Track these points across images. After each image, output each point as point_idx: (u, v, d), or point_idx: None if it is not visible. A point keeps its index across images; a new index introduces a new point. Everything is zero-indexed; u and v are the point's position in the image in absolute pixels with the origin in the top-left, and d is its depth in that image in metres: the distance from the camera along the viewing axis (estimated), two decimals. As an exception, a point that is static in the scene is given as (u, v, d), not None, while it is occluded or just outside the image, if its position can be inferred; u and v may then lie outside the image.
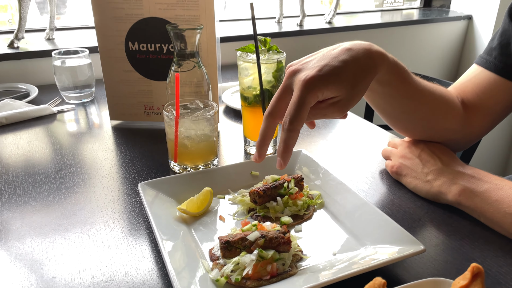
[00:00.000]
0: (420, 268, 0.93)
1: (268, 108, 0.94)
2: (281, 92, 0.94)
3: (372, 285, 0.66)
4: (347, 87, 0.91)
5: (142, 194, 1.09)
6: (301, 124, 0.88)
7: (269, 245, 0.89)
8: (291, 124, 0.87)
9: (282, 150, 0.90)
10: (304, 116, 0.88)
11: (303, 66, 0.92)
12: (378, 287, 0.66)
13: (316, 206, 1.13)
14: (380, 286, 0.66)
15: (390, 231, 0.96)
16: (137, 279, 0.89)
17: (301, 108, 0.87)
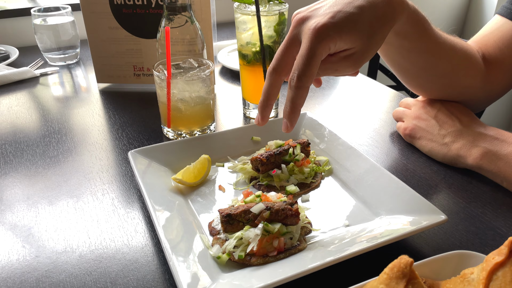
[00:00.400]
0: (440, 240, 0.85)
1: (272, 62, 0.82)
2: (287, 43, 0.82)
3: (398, 264, 0.58)
4: (362, 37, 0.79)
5: (133, 163, 0.99)
6: (311, 80, 0.77)
7: (275, 218, 0.80)
8: (299, 80, 0.75)
9: (289, 110, 0.79)
10: (315, 71, 0.76)
11: (313, 13, 0.80)
12: (404, 266, 0.57)
13: (324, 173, 1.04)
14: (407, 265, 0.57)
15: (407, 199, 0.88)
16: (129, 256, 0.81)
17: (311, 61, 0.75)
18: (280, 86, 0.84)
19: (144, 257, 0.81)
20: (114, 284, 0.75)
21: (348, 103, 1.47)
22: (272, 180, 0.99)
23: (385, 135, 1.24)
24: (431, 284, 0.70)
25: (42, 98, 1.51)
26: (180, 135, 1.19)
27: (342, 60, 0.81)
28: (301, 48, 0.76)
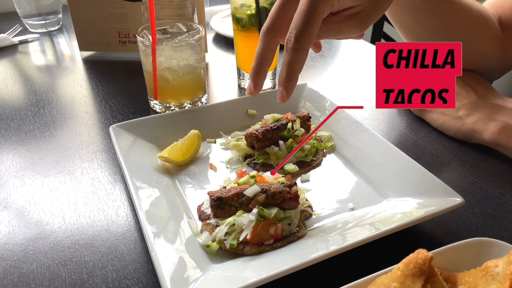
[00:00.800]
0: (454, 224, 0.77)
1: (266, 21, 0.71)
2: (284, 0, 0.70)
3: (414, 260, 0.50)
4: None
5: (114, 139, 0.89)
6: (311, 41, 0.65)
7: (272, 202, 0.71)
8: (297, 41, 0.64)
9: (286, 76, 0.68)
10: (315, 31, 0.65)
11: None
12: (422, 262, 0.49)
13: (326, 151, 0.94)
14: (426, 261, 0.49)
15: (418, 179, 0.79)
16: (109, 243, 0.73)
17: (311, 19, 0.64)
18: (275, 49, 0.72)
19: (126, 244, 0.73)
20: (90, 275, 0.67)
21: (351, 73, 1.36)
22: (268, 158, 0.90)
23: (392, 109, 1.14)
24: (447, 276, 0.62)
25: (20, 68, 1.39)
26: (169, 108, 1.09)
27: (346, 20, 0.70)
28: (300, 4, 0.65)
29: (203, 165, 0.90)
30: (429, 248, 0.70)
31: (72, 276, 0.67)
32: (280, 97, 0.71)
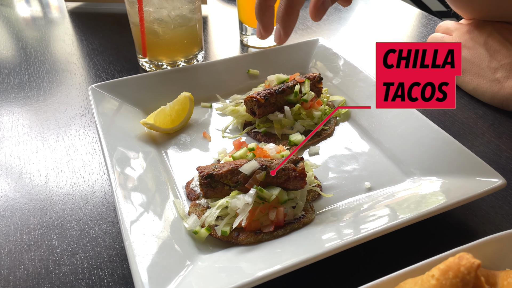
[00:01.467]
0: (490, 208, 0.64)
1: None
2: None
3: (455, 267, 0.38)
4: None
5: (93, 101, 0.76)
6: None
7: (273, 181, 0.59)
8: None
9: (284, 10, 0.58)
10: None
11: None
12: (466, 272, 0.37)
13: (339, 118, 0.81)
14: (471, 270, 0.37)
15: (449, 154, 0.66)
16: (82, 224, 0.62)
17: None
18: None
19: (101, 226, 0.62)
20: (57, 264, 0.57)
21: (370, 29, 1.19)
22: (271, 126, 0.77)
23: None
24: (484, 275, 0.51)
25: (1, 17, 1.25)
26: (160, 67, 0.95)
27: None
28: None
29: (196, 134, 0.78)
30: (461, 238, 0.59)
31: (36, 264, 0.57)
32: (277, 36, 0.62)
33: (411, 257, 0.55)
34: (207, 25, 1.20)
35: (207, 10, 1.28)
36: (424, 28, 1.19)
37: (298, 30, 1.17)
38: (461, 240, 0.58)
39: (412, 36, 1.15)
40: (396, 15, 1.27)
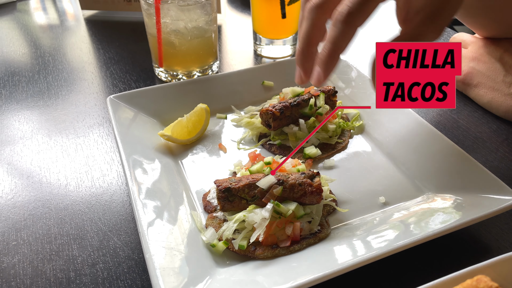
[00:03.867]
0: (505, 225, 0.65)
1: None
2: None
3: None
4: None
5: (111, 112, 0.78)
6: (364, 19, 0.53)
7: (290, 196, 0.60)
8: (350, 15, 0.52)
9: (327, 53, 0.55)
10: (372, 9, 0.53)
11: None
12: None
13: (353, 131, 0.82)
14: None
15: (463, 170, 0.66)
16: (101, 234, 0.63)
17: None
18: (324, 28, 0.59)
19: (120, 237, 0.63)
20: (78, 274, 0.58)
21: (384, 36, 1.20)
22: (286, 138, 0.78)
23: (429, 82, 1.00)
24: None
25: (15, 28, 1.28)
26: (176, 77, 0.97)
27: None
28: None
29: (211, 145, 0.79)
30: (475, 256, 0.59)
31: (57, 273, 0.58)
32: (317, 79, 0.58)
33: (426, 275, 0.56)
34: (221, 34, 1.22)
35: (221, 19, 1.29)
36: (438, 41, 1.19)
37: (311, 40, 1.18)
38: (476, 258, 0.59)
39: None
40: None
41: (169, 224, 0.60)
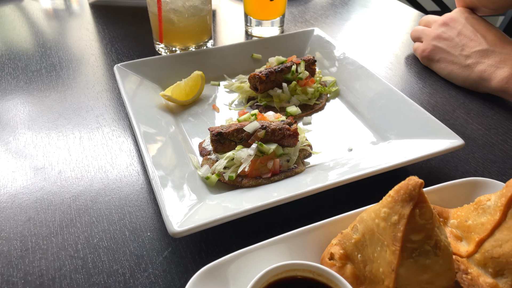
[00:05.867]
0: (453, 167, 0.77)
1: None
2: None
3: (405, 186, 0.50)
4: None
5: (118, 77, 0.89)
6: None
7: (271, 138, 0.72)
8: None
9: None
10: None
11: None
12: (412, 188, 0.50)
13: (329, 95, 0.94)
14: (416, 187, 0.50)
15: (420, 122, 0.78)
16: (112, 175, 0.75)
17: None
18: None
19: (128, 176, 0.75)
20: (94, 202, 0.70)
21: (362, 22, 1.32)
22: (271, 100, 0.90)
23: (400, 57, 1.12)
24: (439, 211, 0.63)
25: (27, 10, 1.38)
26: (174, 52, 1.08)
27: None
28: None
29: (206, 106, 0.91)
30: (426, 187, 0.71)
31: (76, 202, 0.70)
32: None
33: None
34: (215, 18, 1.33)
35: (216, 4, 1.41)
36: (411, 24, 1.31)
37: (297, 23, 1.30)
38: (427, 186, 0.71)
39: (398, 29, 1.27)
40: (386, 10, 1.40)
41: (171, 164, 0.72)
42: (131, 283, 0.58)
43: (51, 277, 0.58)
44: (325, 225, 0.59)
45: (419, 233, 0.50)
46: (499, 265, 0.52)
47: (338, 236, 0.57)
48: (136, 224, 0.66)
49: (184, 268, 0.60)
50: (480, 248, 0.55)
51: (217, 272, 0.53)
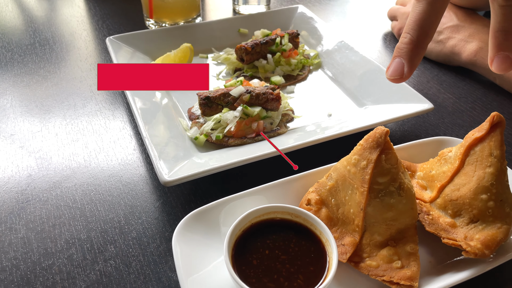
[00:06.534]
0: (423, 130, 0.83)
1: None
2: None
3: (373, 134, 0.56)
4: None
5: (111, 48, 0.94)
6: None
7: (256, 102, 0.77)
8: None
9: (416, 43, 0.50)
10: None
11: None
12: (379, 136, 0.55)
13: (312, 67, 0.99)
14: (382, 135, 0.55)
15: (394, 89, 0.84)
16: (106, 137, 0.80)
17: None
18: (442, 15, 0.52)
19: (122, 139, 0.80)
20: (89, 161, 0.74)
21: (344, 2, 1.37)
22: (257, 71, 0.95)
23: (379, 35, 1.18)
24: (408, 166, 0.69)
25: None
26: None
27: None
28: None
29: (195, 76, 0.95)
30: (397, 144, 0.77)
31: (73, 161, 0.74)
32: (400, 72, 0.51)
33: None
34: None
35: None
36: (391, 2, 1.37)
37: (283, 2, 1.35)
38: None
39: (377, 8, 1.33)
40: None
41: (162, 126, 0.77)
42: (126, 228, 0.63)
43: (52, 224, 0.63)
44: (304, 176, 0.65)
45: (384, 176, 0.56)
46: (457, 207, 0.59)
47: (315, 185, 0.63)
48: (130, 180, 0.71)
49: (175, 216, 0.65)
50: (441, 194, 0.61)
51: (205, 216, 0.59)
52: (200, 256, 0.56)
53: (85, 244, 0.60)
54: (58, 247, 0.60)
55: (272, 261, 0.54)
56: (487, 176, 0.57)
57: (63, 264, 0.58)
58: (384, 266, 0.55)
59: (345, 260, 0.56)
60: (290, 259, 0.54)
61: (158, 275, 0.57)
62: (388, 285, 0.54)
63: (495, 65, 0.47)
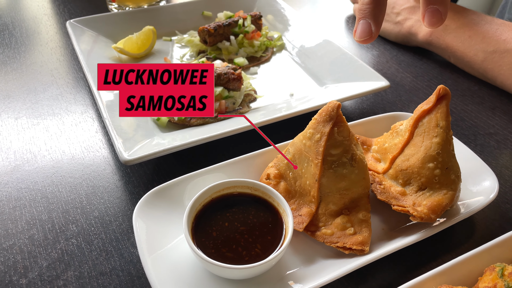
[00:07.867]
0: (381, 107, 0.87)
1: None
2: None
3: (326, 108, 0.58)
4: None
5: (71, 31, 0.92)
6: None
7: (217, 82, 0.78)
8: None
9: None
10: None
11: None
12: (332, 109, 0.58)
13: (275, 49, 1.01)
14: (334, 108, 0.58)
15: (354, 69, 0.87)
16: (68, 121, 0.79)
17: None
18: None
19: (83, 122, 0.79)
20: (49, 144, 0.74)
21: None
22: (220, 53, 0.96)
23: (342, 18, 1.20)
24: (364, 140, 0.72)
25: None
26: (127, 11, 1.11)
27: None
28: None
29: (158, 60, 0.95)
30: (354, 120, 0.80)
31: (33, 145, 0.74)
32: (368, 32, 0.52)
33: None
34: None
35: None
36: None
37: (248, -14, 1.35)
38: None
39: None
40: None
41: (123, 107, 0.77)
42: (87, 208, 0.63)
43: (12, 206, 0.63)
44: (264, 153, 0.67)
45: (337, 148, 0.58)
46: (407, 176, 0.62)
47: (274, 160, 0.65)
48: (92, 161, 0.71)
49: (137, 196, 0.66)
50: (393, 165, 0.64)
51: (167, 193, 0.60)
52: (162, 232, 0.57)
53: (46, 225, 0.61)
54: (19, 228, 0.60)
55: (231, 232, 0.56)
56: (434, 146, 0.60)
57: (24, 244, 0.58)
58: (338, 234, 0.58)
59: (302, 229, 0.58)
60: (248, 230, 0.56)
61: (120, 251, 0.58)
62: (342, 251, 0.56)
63: (427, 19, 0.50)
